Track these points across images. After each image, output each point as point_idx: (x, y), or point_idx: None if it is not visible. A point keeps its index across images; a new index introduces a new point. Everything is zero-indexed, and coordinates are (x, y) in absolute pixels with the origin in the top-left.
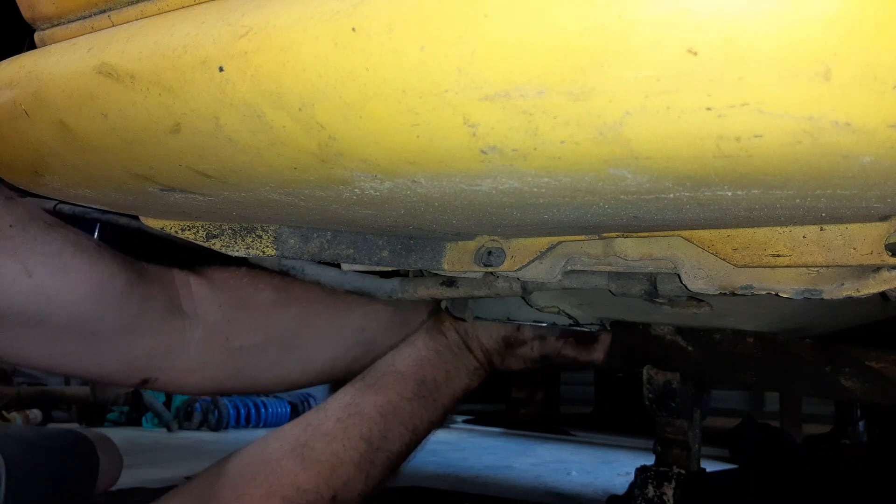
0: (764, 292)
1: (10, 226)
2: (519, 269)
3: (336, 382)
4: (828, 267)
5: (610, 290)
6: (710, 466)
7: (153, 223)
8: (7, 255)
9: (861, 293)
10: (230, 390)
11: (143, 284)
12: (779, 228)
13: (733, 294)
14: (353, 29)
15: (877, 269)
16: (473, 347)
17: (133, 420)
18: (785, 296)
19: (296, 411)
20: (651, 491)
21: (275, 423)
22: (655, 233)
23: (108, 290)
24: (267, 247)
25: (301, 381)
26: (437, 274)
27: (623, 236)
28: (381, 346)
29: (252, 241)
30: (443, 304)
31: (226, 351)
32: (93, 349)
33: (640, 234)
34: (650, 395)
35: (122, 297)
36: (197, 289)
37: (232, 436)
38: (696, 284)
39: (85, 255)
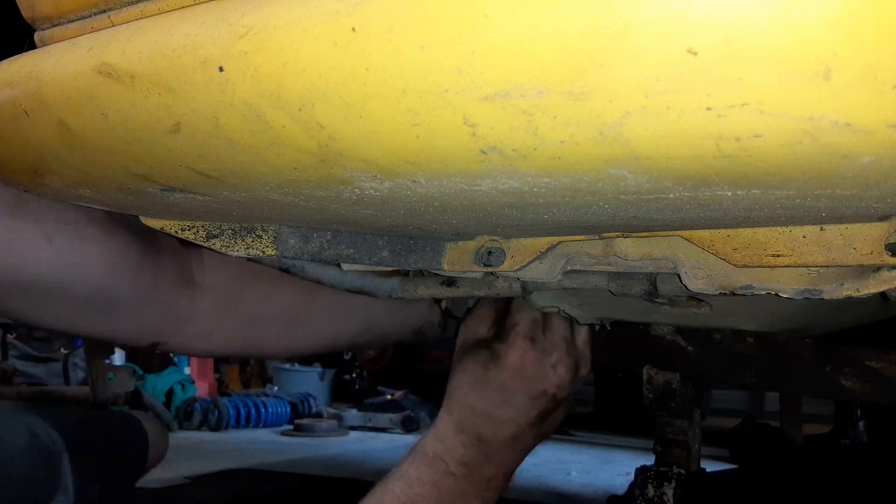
0: (764, 292)
1: (26, 191)
2: (519, 269)
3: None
4: (828, 267)
5: (610, 290)
6: (710, 466)
7: (153, 223)
8: (28, 220)
9: (861, 293)
10: (237, 356)
11: (156, 254)
12: (779, 228)
13: (733, 294)
14: (353, 29)
15: (877, 269)
16: (491, 455)
17: None
18: (785, 296)
19: (295, 411)
20: (651, 491)
21: (275, 422)
22: (655, 233)
23: (124, 259)
24: (267, 247)
25: (306, 351)
26: (437, 274)
27: (623, 236)
28: (384, 322)
29: (252, 241)
30: (443, 304)
31: (234, 321)
32: (108, 315)
33: (640, 234)
34: (650, 395)
35: (136, 267)
36: (208, 260)
37: (232, 436)
38: (696, 284)
39: (99, 225)
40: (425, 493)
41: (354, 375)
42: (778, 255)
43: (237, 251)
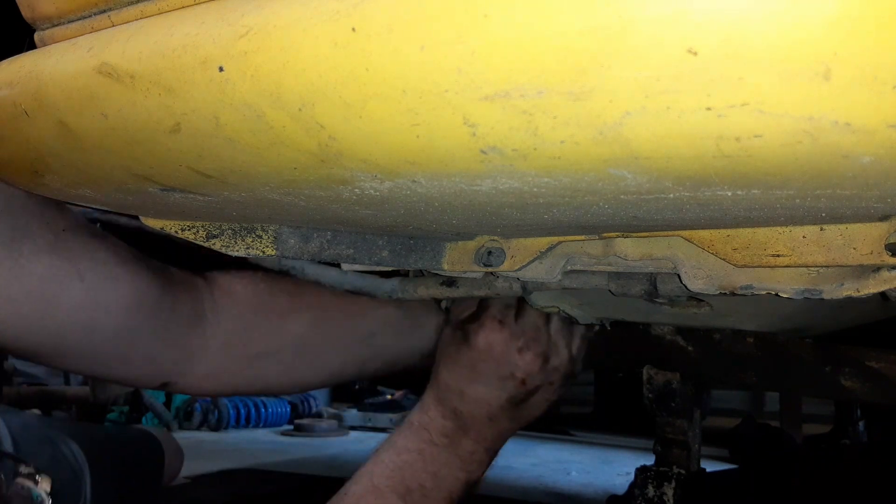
0: (764, 292)
1: (64, 230)
2: (519, 269)
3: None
4: (828, 267)
5: (610, 290)
6: (710, 466)
7: (153, 223)
8: (62, 257)
9: (861, 293)
10: (244, 393)
11: (173, 293)
12: (779, 228)
13: (733, 294)
14: (353, 29)
15: (877, 269)
16: (468, 430)
17: (133, 420)
18: (785, 296)
19: (295, 411)
20: (651, 491)
21: (275, 422)
22: (655, 233)
23: (146, 300)
24: (267, 247)
25: (313, 384)
26: (437, 274)
27: (623, 236)
28: (390, 350)
29: (252, 241)
30: (443, 304)
31: (243, 357)
32: (126, 356)
33: (640, 234)
34: (650, 395)
35: (156, 307)
36: (218, 296)
37: (232, 436)
38: (696, 284)
39: (127, 264)
40: (411, 460)
41: None
42: (778, 255)
43: (237, 251)
